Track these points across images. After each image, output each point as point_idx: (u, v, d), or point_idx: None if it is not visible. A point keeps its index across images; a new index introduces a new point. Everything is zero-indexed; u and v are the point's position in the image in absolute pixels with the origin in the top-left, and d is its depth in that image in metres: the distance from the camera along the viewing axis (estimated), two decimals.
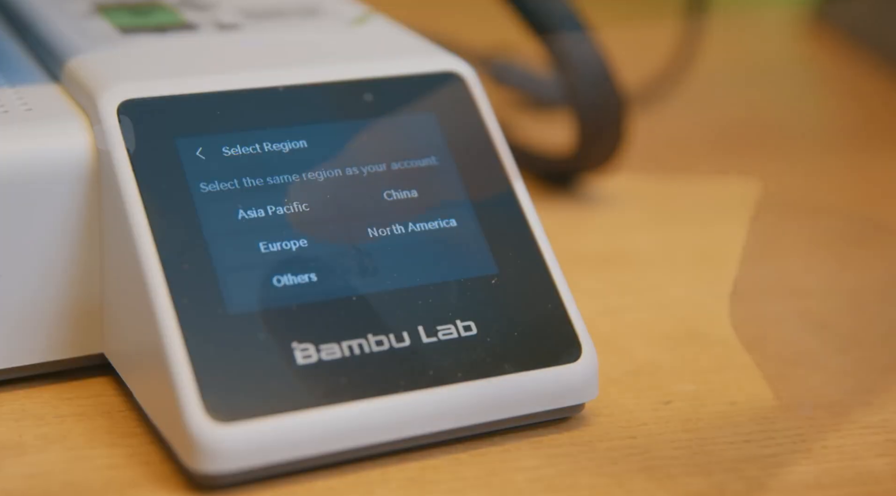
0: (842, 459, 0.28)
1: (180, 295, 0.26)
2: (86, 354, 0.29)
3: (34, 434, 0.27)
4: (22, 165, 0.27)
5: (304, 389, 0.26)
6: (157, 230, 0.26)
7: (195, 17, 0.34)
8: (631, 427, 0.28)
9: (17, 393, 0.28)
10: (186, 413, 0.25)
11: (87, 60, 0.30)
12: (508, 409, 0.27)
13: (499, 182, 0.30)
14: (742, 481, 0.27)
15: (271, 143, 0.28)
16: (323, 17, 0.34)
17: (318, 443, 0.25)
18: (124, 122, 0.28)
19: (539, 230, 0.29)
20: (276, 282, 0.27)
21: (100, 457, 0.26)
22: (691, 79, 0.52)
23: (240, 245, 0.27)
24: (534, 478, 0.26)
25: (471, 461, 0.27)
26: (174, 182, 0.27)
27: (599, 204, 0.42)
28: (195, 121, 0.28)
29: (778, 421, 0.29)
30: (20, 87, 0.30)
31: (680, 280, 0.37)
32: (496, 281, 0.28)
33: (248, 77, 0.29)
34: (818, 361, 0.32)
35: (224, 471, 0.25)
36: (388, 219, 0.28)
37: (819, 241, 0.38)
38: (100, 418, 0.28)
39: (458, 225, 0.29)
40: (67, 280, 0.28)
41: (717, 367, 0.31)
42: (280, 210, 0.28)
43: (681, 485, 0.26)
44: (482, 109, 0.31)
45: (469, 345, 0.27)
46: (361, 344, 0.26)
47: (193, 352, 0.25)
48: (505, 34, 0.50)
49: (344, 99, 0.30)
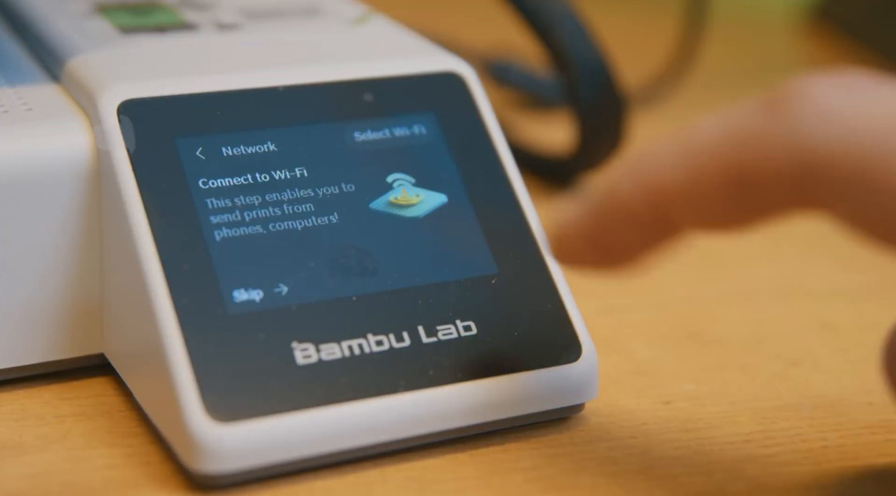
0: (842, 459, 0.28)
1: (180, 295, 0.26)
2: (86, 354, 0.29)
3: (34, 434, 0.27)
4: (22, 165, 0.27)
5: (304, 389, 0.26)
6: (157, 230, 0.26)
7: (195, 17, 0.34)
8: (631, 427, 0.28)
9: (17, 393, 0.28)
10: (186, 413, 0.25)
11: (87, 60, 0.30)
12: (508, 409, 0.27)
13: (499, 182, 0.30)
14: (742, 481, 0.27)
15: (271, 143, 0.29)
16: (323, 17, 0.34)
17: (318, 443, 0.25)
18: (124, 122, 0.28)
19: (539, 230, 0.29)
20: (276, 282, 0.27)
21: (100, 457, 0.26)
22: (691, 79, 0.52)
23: (240, 245, 0.27)
24: (534, 478, 0.26)
25: (471, 461, 0.27)
26: (174, 182, 0.27)
27: None
28: (195, 121, 0.28)
29: (778, 421, 0.29)
30: (20, 87, 0.30)
31: (680, 280, 0.37)
32: (496, 281, 0.28)
33: (248, 77, 0.29)
34: (818, 361, 0.32)
35: (224, 472, 0.25)
36: (388, 218, 0.28)
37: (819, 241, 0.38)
38: (100, 418, 0.28)
39: (458, 225, 0.29)
40: (67, 280, 0.28)
41: (717, 367, 0.31)
42: (280, 210, 0.28)
43: (681, 485, 0.26)
44: (482, 109, 0.31)
45: (469, 345, 0.27)
46: (361, 344, 0.26)
47: (193, 352, 0.25)
48: (505, 34, 0.50)
49: (344, 99, 0.30)
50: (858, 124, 0.21)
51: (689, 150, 0.23)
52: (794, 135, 0.21)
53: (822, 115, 0.21)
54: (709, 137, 0.23)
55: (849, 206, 0.21)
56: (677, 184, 0.23)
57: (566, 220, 0.25)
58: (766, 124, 0.22)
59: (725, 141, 0.22)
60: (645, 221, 0.24)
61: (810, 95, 0.22)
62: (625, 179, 0.24)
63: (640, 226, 0.24)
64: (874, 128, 0.21)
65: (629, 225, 0.24)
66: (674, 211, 0.23)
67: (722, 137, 0.22)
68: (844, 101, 0.21)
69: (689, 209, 0.23)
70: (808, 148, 0.21)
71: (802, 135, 0.21)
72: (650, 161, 0.23)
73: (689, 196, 0.23)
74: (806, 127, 0.21)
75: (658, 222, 0.24)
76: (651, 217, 0.23)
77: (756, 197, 0.22)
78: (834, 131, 0.21)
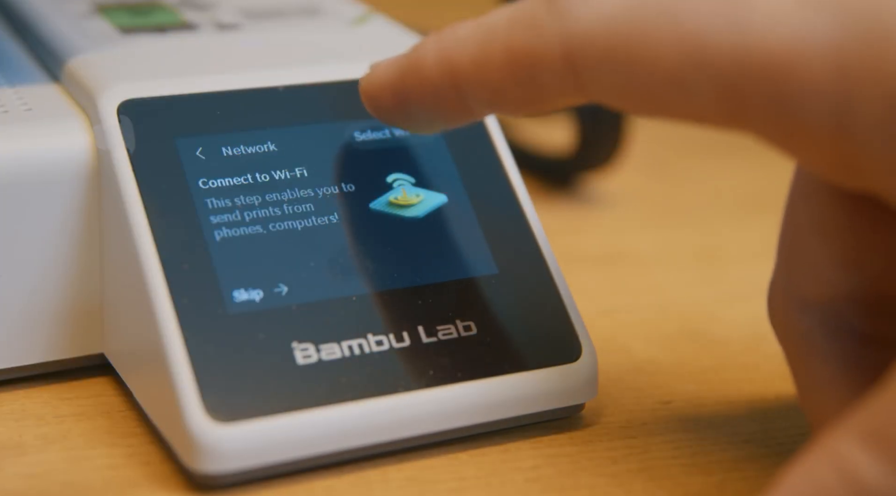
0: None
1: (180, 295, 0.26)
2: (86, 354, 0.29)
3: (34, 434, 0.27)
4: (22, 165, 0.27)
5: (304, 389, 0.26)
6: (157, 230, 0.26)
7: (195, 17, 0.34)
8: (631, 427, 0.28)
9: (17, 393, 0.28)
10: (186, 413, 0.25)
11: (87, 60, 0.30)
12: (508, 409, 0.27)
13: (499, 182, 0.30)
14: (742, 481, 0.27)
15: (271, 143, 0.29)
16: (323, 17, 0.34)
17: (317, 443, 0.25)
18: (124, 122, 0.28)
19: (539, 230, 0.29)
20: (276, 282, 0.27)
21: (100, 457, 0.26)
22: None
23: (240, 245, 0.27)
24: (534, 478, 0.26)
25: (471, 461, 0.27)
26: (174, 182, 0.27)
27: (599, 204, 0.42)
28: (195, 121, 0.28)
29: (778, 421, 0.29)
30: (20, 87, 0.30)
31: (680, 280, 0.37)
32: (496, 281, 0.28)
33: (248, 77, 0.29)
34: None
35: (224, 472, 0.25)
36: (388, 218, 0.28)
37: None
38: (100, 418, 0.28)
39: (458, 225, 0.29)
40: (67, 280, 0.28)
41: (717, 367, 0.31)
42: (280, 210, 0.28)
43: (681, 485, 0.26)
44: None
45: (469, 345, 0.27)
46: (361, 344, 0.26)
47: (193, 352, 0.25)
48: None
49: (344, 99, 0.30)
50: (615, 9, 0.23)
51: (480, 30, 0.25)
52: (562, 20, 0.24)
53: (587, 3, 0.23)
54: (498, 20, 0.25)
55: (613, 86, 0.23)
56: (468, 58, 0.25)
57: (378, 70, 0.27)
58: (543, 12, 0.24)
59: (510, 24, 0.25)
60: (441, 90, 0.26)
61: None
62: (429, 47, 0.26)
63: (436, 93, 0.26)
64: (627, 8, 0.23)
65: (427, 89, 0.26)
66: (466, 86, 0.25)
67: (508, 22, 0.25)
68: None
69: (480, 87, 0.25)
70: (572, 33, 0.23)
71: (569, 19, 0.24)
72: (452, 35, 0.26)
73: (477, 72, 0.25)
74: (572, 12, 0.23)
75: (452, 93, 0.26)
76: (446, 87, 0.26)
77: (536, 80, 0.24)
78: (594, 15, 0.23)
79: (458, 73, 0.25)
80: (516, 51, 0.24)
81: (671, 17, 0.22)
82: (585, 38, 0.23)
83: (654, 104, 0.23)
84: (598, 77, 0.23)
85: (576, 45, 0.23)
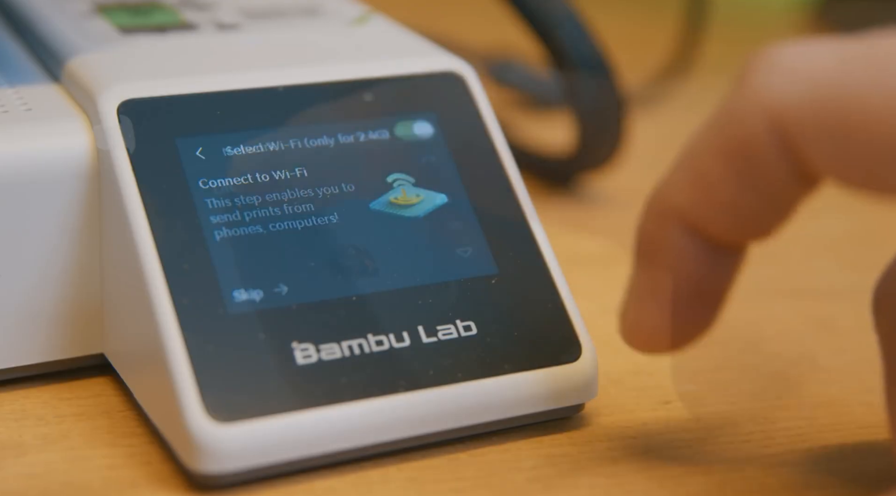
0: (841, 459, 0.28)
1: (180, 295, 0.26)
2: (86, 354, 0.29)
3: (34, 434, 0.27)
4: (22, 165, 0.27)
5: (304, 389, 0.26)
6: (157, 230, 0.26)
7: (195, 17, 0.34)
8: (631, 427, 0.28)
9: (17, 393, 0.28)
10: (186, 413, 0.25)
11: (87, 60, 0.30)
12: (508, 409, 0.27)
13: (499, 182, 0.30)
14: (742, 481, 0.27)
15: (271, 143, 0.29)
16: (323, 17, 0.34)
17: (318, 443, 0.25)
18: (124, 122, 0.28)
19: (539, 230, 0.29)
20: (276, 281, 0.27)
21: (100, 457, 0.26)
22: (691, 79, 0.52)
23: (240, 245, 0.27)
24: (534, 478, 0.26)
25: (471, 461, 0.27)
26: (174, 182, 0.27)
27: (599, 204, 0.42)
28: (195, 121, 0.28)
29: (778, 421, 0.29)
30: (20, 87, 0.30)
31: None
32: (496, 281, 0.28)
33: (248, 77, 0.29)
34: (818, 361, 0.32)
35: (224, 472, 0.25)
36: (388, 218, 0.28)
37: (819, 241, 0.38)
38: (100, 418, 0.28)
39: (458, 225, 0.29)
40: (67, 280, 0.28)
41: (717, 367, 0.31)
42: (280, 210, 0.28)
43: (681, 485, 0.26)
44: (482, 109, 0.31)
45: (469, 345, 0.27)
46: (361, 344, 0.26)
47: (193, 352, 0.25)
48: (505, 34, 0.50)
49: (344, 99, 0.30)
50: (816, 74, 0.21)
51: (686, 157, 0.23)
52: (761, 99, 0.22)
53: (783, 74, 0.22)
54: (699, 136, 0.23)
55: (828, 156, 0.22)
56: (685, 192, 0.23)
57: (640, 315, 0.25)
58: (738, 98, 0.22)
59: (711, 128, 0.23)
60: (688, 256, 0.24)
61: (770, 59, 0.22)
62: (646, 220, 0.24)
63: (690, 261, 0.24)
64: (829, 74, 0.21)
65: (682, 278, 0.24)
66: (700, 222, 0.23)
67: (707, 128, 0.23)
68: (802, 57, 0.22)
69: (710, 210, 0.23)
70: (777, 108, 0.22)
71: (769, 96, 0.22)
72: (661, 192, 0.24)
73: (700, 195, 0.23)
74: (770, 87, 0.22)
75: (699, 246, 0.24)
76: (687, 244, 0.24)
77: (757, 172, 0.22)
78: (796, 86, 0.21)
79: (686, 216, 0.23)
80: (729, 149, 0.22)
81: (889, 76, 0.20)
82: (792, 110, 0.21)
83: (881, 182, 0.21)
84: (816, 152, 0.21)
85: (785, 120, 0.22)
